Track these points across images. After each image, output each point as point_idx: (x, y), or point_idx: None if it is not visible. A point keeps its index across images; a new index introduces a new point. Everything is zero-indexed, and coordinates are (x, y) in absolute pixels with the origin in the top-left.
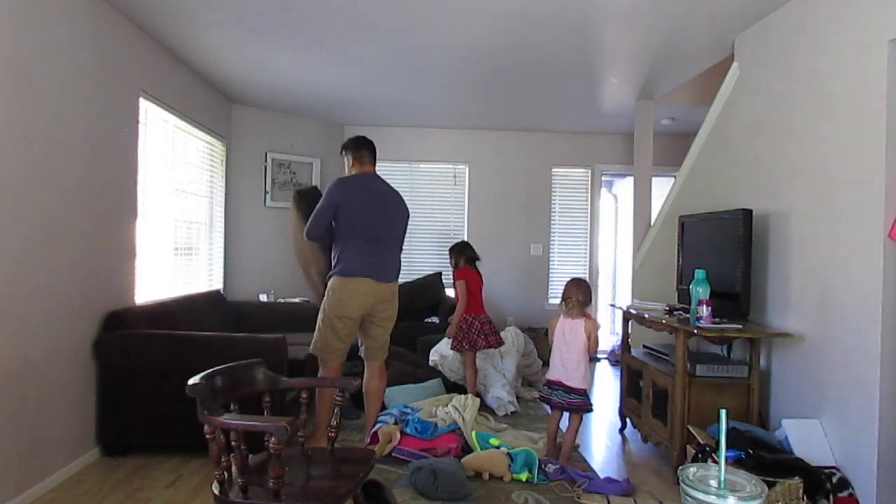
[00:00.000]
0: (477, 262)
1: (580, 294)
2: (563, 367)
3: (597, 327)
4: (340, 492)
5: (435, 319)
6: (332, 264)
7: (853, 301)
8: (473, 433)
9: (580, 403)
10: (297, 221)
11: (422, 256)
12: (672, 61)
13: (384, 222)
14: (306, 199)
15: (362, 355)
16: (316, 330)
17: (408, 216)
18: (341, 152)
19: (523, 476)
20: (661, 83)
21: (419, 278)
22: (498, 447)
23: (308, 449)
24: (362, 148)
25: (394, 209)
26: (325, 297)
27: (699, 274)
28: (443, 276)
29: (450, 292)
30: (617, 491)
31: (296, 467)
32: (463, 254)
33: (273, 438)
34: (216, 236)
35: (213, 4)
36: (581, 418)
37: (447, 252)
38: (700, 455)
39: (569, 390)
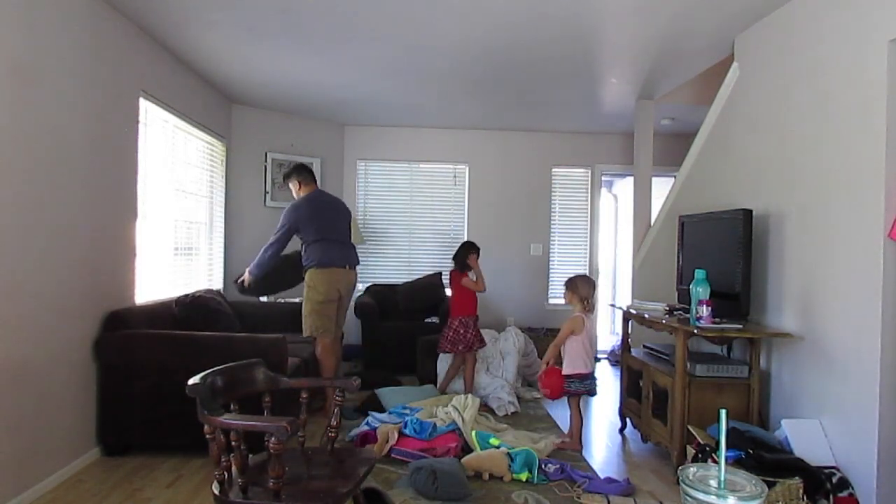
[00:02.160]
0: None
1: (594, 292)
2: (591, 359)
3: None
4: (340, 492)
5: (435, 319)
6: (305, 260)
7: (853, 301)
8: (473, 433)
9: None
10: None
11: (422, 257)
12: (672, 61)
13: (338, 223)
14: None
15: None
16: (307, 317)
17: (350, 215)
18: (284, 181)
19: (523, 476)
20: (661, 83)
21: (419, 278)
22: (498, 447)
23: (308, 449)
24: (303, 172)
25: (341, 213)
26: (308, 289)
27: (699, 274)
28: (442, 277)
29: (448, 292)
30: (617, 491)
31: (296, 467)
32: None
33: (273, 438)
34: (216, 236)
35: (213, 5)
36: None
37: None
38: (700, 455)
39: (592, 377)
